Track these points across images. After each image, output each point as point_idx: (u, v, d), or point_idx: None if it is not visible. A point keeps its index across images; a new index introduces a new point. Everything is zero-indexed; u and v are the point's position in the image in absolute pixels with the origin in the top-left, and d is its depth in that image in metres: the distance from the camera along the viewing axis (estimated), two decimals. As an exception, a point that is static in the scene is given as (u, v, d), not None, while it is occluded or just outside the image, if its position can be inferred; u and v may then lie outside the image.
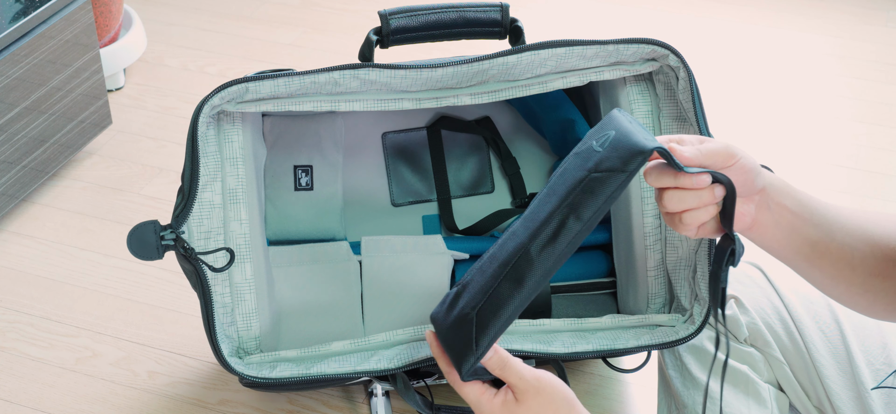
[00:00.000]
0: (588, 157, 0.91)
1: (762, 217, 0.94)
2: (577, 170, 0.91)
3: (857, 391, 1.09)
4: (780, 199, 0.94)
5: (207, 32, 2.28)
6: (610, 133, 0.91)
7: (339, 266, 1.37)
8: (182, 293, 1.55)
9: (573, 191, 0.90)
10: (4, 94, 1.58)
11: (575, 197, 0.90)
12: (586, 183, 0.89)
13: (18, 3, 1.62)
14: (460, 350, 0.92)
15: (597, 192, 0.89)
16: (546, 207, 0.91)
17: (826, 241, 0.94)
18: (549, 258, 0.90)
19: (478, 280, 0.93)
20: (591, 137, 0.93)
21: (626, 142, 0.88)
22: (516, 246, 0.91)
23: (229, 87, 1.11)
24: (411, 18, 1.18)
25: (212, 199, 1.16)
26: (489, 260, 0.93)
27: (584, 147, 0.92)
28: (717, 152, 0.90)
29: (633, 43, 1.16)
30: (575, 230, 0.89)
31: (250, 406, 1.36)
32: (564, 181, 0.91)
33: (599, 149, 0.90)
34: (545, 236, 0.90)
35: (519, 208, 1.47)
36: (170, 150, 1.88)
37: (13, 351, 1.45)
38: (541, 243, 0.90)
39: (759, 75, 2.15)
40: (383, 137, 1.48)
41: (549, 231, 0.90)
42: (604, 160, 0.89)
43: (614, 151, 0.89)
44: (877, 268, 0.92)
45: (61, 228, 1.69)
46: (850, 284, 0.94)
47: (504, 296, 0.91)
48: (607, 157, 0.89)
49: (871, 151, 1.90)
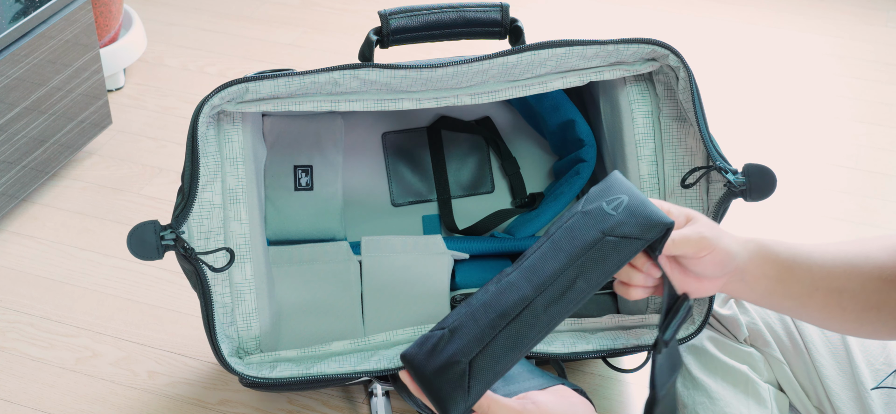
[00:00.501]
0: (600, 219, 0.90)
1: (734, 289, 0.95)
2: (589, 230, 0.90)
3: (856, 391, 1.09)
4: (758, 272, 0.94)
5: (207, 32, 2.28)
6: (622, 198, 0.91)
7: (339, 266, 1.37)
8: (182, 293, 1.55)
9: (585, 252, 0.89)
10: (4, 94, 1.58)
11: (586, 259, 0.89)
12: (600, 246, 0.89)
13: (18, 3, 1.62)
14: (447, 395, 0.90)
15: (609, 257, 0.89)
16: (553, 264, 0.90)
17: (809, 292, 0.93)
18: (557, 315, 0.89)
19: (471, 329, 0.91)
20: (599, 198, 0.92)
21: (645, 210, 0.89)
22: (519, 298, 0.90)
23: (229, 87, 1.11)
24: (411, 18, 1.18)
25: (212, 199, 1.16)
26: (483, 308, 0.91)
27: (592, 207, 0.92)
28: (689, 242, 0.90)
29: (633, 43, 1.16)
30: (582, 291, 0.89)
31: (250, 406, 1.36)
32: (573, 240, 0.91)
33: (613, 212, 0.90)
34: (553, 293, 0.89)
35: (519, 208, 1.47)
36: (170, 150, 1.88)
37: (13, 351, 1.45)
38: (548, 299, 0.89)
39: (759, 75, 2.15)
40: (383, 137, 1.48)
41: (558, 289, 0.89)
42: (620, 226, 0.89)
43: (632, 218, 0.89)
44: (869, 301, 0.92)
45: (61, 228, 1.69)
46: (843, 322, 0.94)
47: (503, 347, 0.90)
48: (624, 222, 0.89)
49: (871, 151, 1.90)
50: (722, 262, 0.91)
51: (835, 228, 1.71)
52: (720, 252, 0.90)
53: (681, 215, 0.93)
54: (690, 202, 1.21)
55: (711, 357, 1.16)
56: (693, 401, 1.14)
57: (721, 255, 0.90)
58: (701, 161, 1.21)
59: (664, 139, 1.22)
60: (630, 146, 1.23)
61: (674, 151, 1.22)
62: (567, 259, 0.89)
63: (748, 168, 1.13)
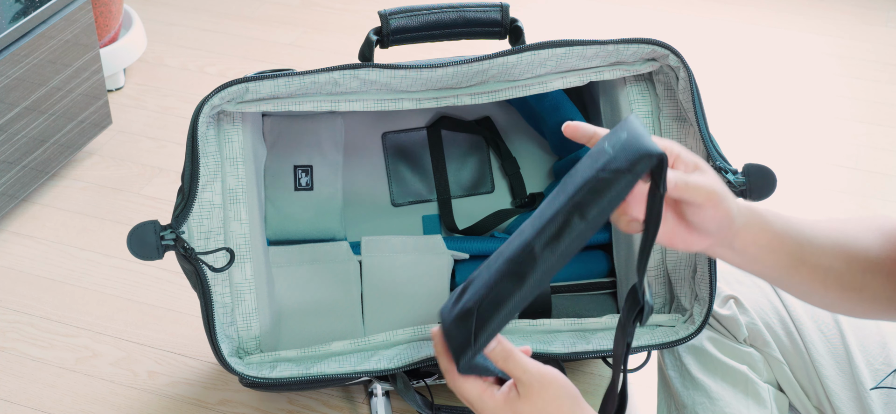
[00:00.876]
0: (598, 157, 0.91)
1: (721, 252, 0.94)
2: (587, 170, 0.91)
3: (856, 391, 1.09)
4: (749, 239, 0.93)
5: (207, 32, 2.28)
6: (622, 135, 0.91)
7: (339, 266, 1.37)
8: (182, 293, 1.55)
9: (580, 190, 0.90)
10: (4, 94, 1.58)
11: (582, 196, 0.89)
12: (593, 183, 0.89)
13: (18, 3, 1.62)
14: (460, 344, 0.92)
15: (603, 192, 0.89)
16: (553, 206, 0.91)
17: (795, 265, 0.93)
18: (552, 255, 0.90)
19: (483, 275, 0.93)
20: (605, 140, 0.93)
21: (636, 143, 0.88)
22: (522, 243, 0.91)
23: (229, 87, 1.11)
24: (411, 18, 1.18)
25: (212, 199, 1.16)
26: (496, 256, 0.93)
27: (597, 148, 0.92)
28: (700, 190, 0.89)
29: (633, 43, 1.16)
30: (579, 229, 0.89)
31: (250, 406, 1.36)
32: (574, 181, 0.91)
33: (610, 150, 0.90)
34: (549, 234, 0.90)
35: (519, 208, 1.47)
36: (170, 150, 1.88)
37: (13, 351, 1.45)
38: (544, 240, 0.90)
39: (759, 75, 2.15)
40: (383, 137, 1.48)
41: (554, 228, 0.90)
42: (612, 161, 0.89)
43: (623, 152, 0.89)
44: (852, 282, 0.92)
45: (61, 228, 1.69)
46: (824, 298, 0.94)
47: (505, 291, 0.90)
48: (615, 157, 0.89)
49: (871, 151, 1.90)
50: (721, 220, 0.90)
51: (835, 228, 1.71)
52: (723, 210, 0.90)
53: (690, 160, 0.92)
54: (690, 202, 1.21)
55: (711, 357, 1.16)
56: (693, 401, 1.14)
57: (723, 213, 0.90)
58: (701, 161, 1.21)
59: (664, 139, 1.22)
60: (630, 146, 1.23)
61: (674, 151, 1.22)
62: (565, 199, 0.90)
63: (748, 168, 1.13)
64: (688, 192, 0.88)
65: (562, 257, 0.90)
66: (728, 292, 1.20)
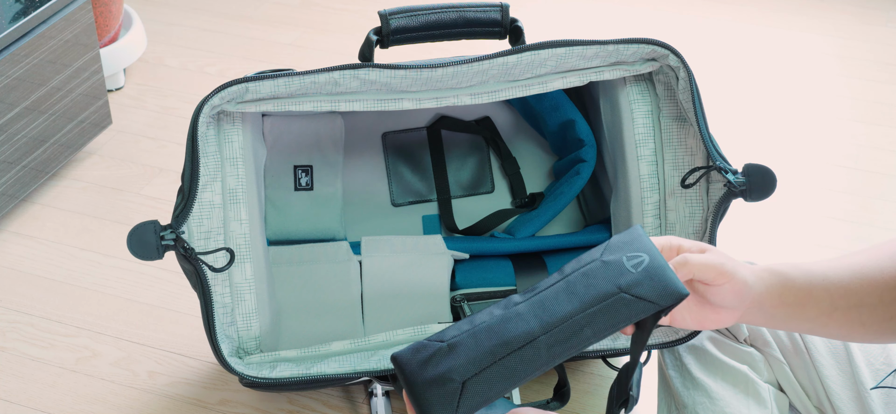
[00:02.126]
0: (619, 273, 0.91)
1: (753, 318, 0.96)
2: (606, 282, 0.91)
3: (856, 391, 1.09)
4: (777, 301, 0.94)
5: (207, 32, 2.28)
6: (643, 257, 0.91)
7: (339, 266, 1.37)
8: (182, 293, 1.55)
9: (598, 303, 0.90)
10: (4, 94, 1.58)
11: (598, 310, 0.90)
12: (614, 301, 0.89)
13: (18, 3, 1.62)
14: (434, 409, 0.90)
15: (621, 314, 0.90)
16: (565, 306, 0.90)
17: (828, 312, 0.94)
18: (558, 356, 0.90)
19: (470, 349, 0.90)
20: (620, 251, 0.92)
21: (664, 277, 0.90)
22: (525, 332, 0.90)
23: (229, 87, 1.11)
24: (411, 18, 1.18)
25: (212, 199, 1.16)
26: (486, 332, 0.91)
27: (612, 258, 0.92)
28: (708, 267, 0.91)
29: (633, 43, 1.16)
30: (588, 339, 0.90)
31: (250, 406, 1.36)
32: (588, 287, 0.91)
33: (632, 270, 0.90)
34: (559, 335, 0.90)
35: (519, 208, 1.47)
36: (170, 150, 1.88)
37: (13, 351, 1.45)
38: (553, 340, 0.90)
39: (759, 75, 2.15)
40: (383, 137, 1.48)
41: (565, 332, 0.90)
42: (637, 286, 0.90)
43: (650, 281, 0.90)
44: (888, 312, 0.92)
45: (61, 228, 1.69)
46: (864, 335, 0.95)
47: (500, 375, 0.90)
48: (641, 283, 0.90)
49: (870, 151, 1.90)
50: (740, 291, 0.92)
51: (835, 228, 1.71)
52: (738, 282, 0.92)
53: (694, 247, 0.94)
54: (690, 202, 1.21)
55: (711, 357, 1.16)
56: (693, 401, 1.14)
57: (739, 285, 0.92)
58: (701, 161, 1.21)
59: (664, 139, 1.22)
60: (630, 146, 1.23)
61: (674, 151, 1.22)
62: (579, 305, 0.90)
63: (748, 168, 1.13)
64: (698, 271, 0.90)
65: (562, 358, 0.90)
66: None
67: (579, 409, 1.34)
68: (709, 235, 1.18)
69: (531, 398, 1.35)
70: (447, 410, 0.89)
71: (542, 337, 0.90)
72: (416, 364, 0.91)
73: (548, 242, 1.38)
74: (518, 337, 0.90)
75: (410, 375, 0.91)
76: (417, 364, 0.91)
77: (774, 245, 1.67)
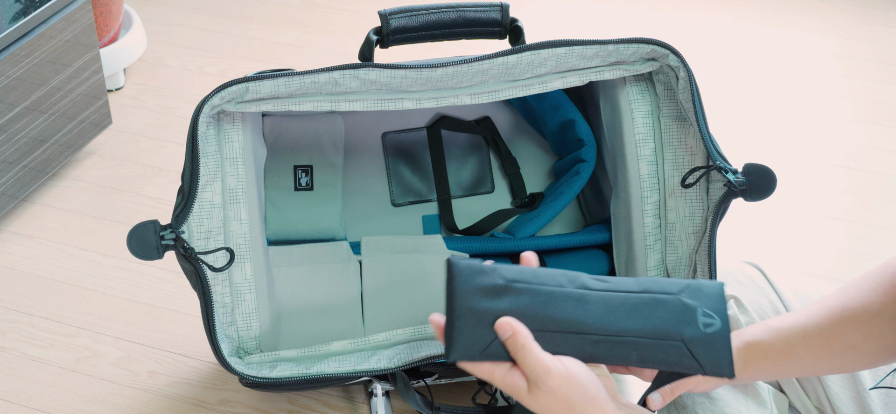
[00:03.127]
0: (689, 322, 0.89)
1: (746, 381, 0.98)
2: (674, 324, 0.89)
3: (856, 391, 1.09)
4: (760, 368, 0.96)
5: (207, 32, 2.28)
6: (715, 322, 0.90)
7: (339, 266, 1.37)
8: (182, 293, 1.55)
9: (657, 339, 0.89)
10: (4, 94, 1.58)
11: (654, 345, 0.89)
12: (672, 346, 0.89)
13: (18, 3, 1.62)
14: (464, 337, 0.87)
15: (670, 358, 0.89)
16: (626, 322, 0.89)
17: (814, 362, 0.94)
18: (593, 358, 0.89)
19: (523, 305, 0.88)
20: (700, 300, 0.90)
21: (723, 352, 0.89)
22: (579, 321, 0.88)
23: (229, 87, 1.11)
24: (411, 18, 1.18)
25: (212, 199, 1.16)
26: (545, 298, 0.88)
27: (690, 304, 0.90)
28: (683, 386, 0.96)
29: (633, 43, 1.16)
30: (629, 361, 0.89)
31: (250, 406, 1.36)
32: (656, 318, 0.89)
33: (701, 328, 0.89)
34: (608, 344, 0.88)
35: (519, 208, 1.47)
36: (170, 150, 1.88)
37: (13, 351, 1.45)
38: (599, 343, 0.88)
39: (759, 75, 2.15)
40: (383, 137, 1.48)
41: (614, 345, 0.88)
42: (698, 345, 0.89)
43: (711, 349, 0.89)
44: (877, 346, 0.92)
45: (61, 228, 1.69)
46: (859, 369, 0.95)
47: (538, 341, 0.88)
48: (703, 344, 0.89)
49: (870, 151, 1.90)
50: (716, 381, 0.98)
51: (835, 228, 1.71)
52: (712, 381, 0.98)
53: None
54: (690, 202, 1.21)
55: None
56: (692, 401, 1.14)
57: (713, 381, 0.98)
58: (701, 161, 1.21)
59: (664, 139, 1.22)
60: (630, 146, 1.23)
61: (674, 151, 1.22)
62: (640, 329, 0.89)
63: (748, 168, 1.13)
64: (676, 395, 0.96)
65: (596, 360, 0.89)
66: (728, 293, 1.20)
67: (579, 409, 1.34)
68: (709, 234, 1.18)
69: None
70: (473, 349, 0.87)
71: (591, 335, 0.88)
72: (468, 285, 0.88)
73: (548, 242, 1.38)
74: (571, 322, 0.88)
75: (457, 293, 0.88)
76: (469, 286, 0.88)
77: (774, 245, 1.67)
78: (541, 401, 0.87)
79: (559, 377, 0.86)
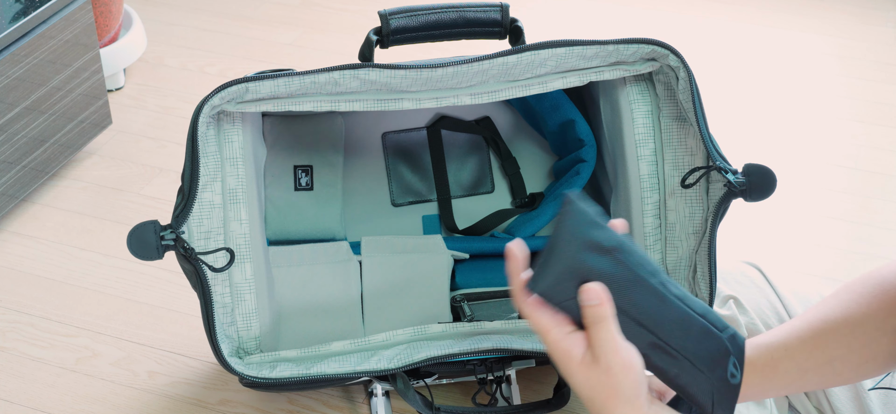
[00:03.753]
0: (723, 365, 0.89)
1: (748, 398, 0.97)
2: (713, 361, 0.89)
3: (855, 391, 1.09)
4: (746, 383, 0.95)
5: (207, 32, 2.28)
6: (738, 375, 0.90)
7: (339, 266, 1.37)
8: (182, 293, 1.55)
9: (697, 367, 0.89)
10: (4, 94, 1.58)
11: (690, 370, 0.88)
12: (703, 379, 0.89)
13: (18, 3, 1.62)
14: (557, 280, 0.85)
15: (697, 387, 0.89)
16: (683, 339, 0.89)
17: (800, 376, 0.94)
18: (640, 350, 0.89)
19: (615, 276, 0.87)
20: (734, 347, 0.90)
21: (732, 405, 0.90)
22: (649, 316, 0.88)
23: (229, 87, 1.11)
24: (411, 18, 1.18)
25: (212, 199, 1.16)
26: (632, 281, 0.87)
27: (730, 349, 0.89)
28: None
29: (633, 43, 1.16)
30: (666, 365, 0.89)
31: (250, 406, 1.36)
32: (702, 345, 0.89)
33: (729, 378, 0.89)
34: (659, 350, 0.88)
35: (519, 208, 1.47)
36: (170, 150, 1.88)
37: (13, 351, 1.45)
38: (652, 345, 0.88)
39: (759, 75, 2.15)
40: (383, 137, 1.48)
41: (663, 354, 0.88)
42: (720, 391, 0.89)
43: (726, 398, 0.89)
44: (861, 357, 0.91)
45: (61, 228, 1.69)
46: (845, 381, 0.95)
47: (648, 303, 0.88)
48: (724, 390, 0.89)
49: (870, 151, 1.90)
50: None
51: (835, 228, 1.71)
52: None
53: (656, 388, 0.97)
54: (690, 202, 1.21)
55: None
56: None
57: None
58: (701, 161, 1.21)
59: (664, 139, 1.22)
60: (630, 146, 1.23)
61: (674, 151, 1.22)
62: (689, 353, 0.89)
63: (748, 168, 1.13)
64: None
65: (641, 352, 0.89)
66: (728, 292, 1.20)
67: (579, 408, 1.34)
68: (709, 235, 1.18)
69: (531, 398, 1.35)
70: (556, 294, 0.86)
71: (654, 336, 0.87)
72: (578, 232, 0.86)
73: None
74: (648, 314, 0.87)
75: (565, 235, 0.86)
76: (579, 234, 0.86)
77: (774, 245, 1.67)
78: (590, 377, 0.85)
79: (622, 363, 0.84)
